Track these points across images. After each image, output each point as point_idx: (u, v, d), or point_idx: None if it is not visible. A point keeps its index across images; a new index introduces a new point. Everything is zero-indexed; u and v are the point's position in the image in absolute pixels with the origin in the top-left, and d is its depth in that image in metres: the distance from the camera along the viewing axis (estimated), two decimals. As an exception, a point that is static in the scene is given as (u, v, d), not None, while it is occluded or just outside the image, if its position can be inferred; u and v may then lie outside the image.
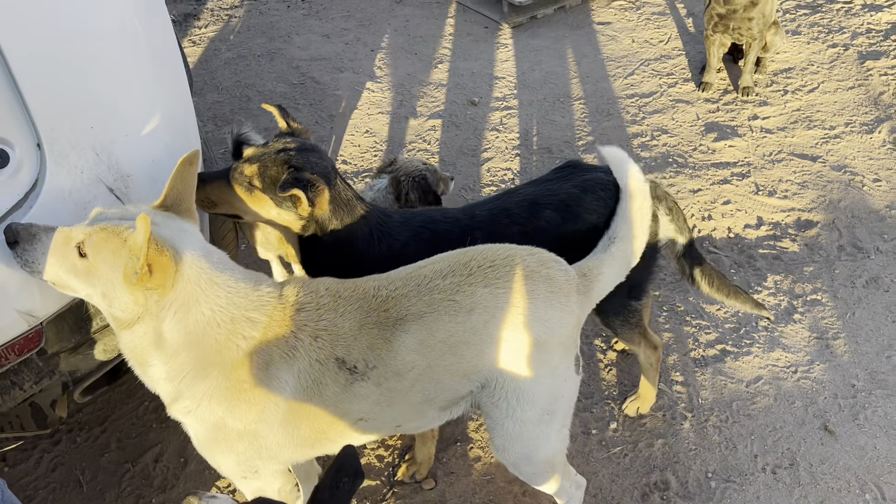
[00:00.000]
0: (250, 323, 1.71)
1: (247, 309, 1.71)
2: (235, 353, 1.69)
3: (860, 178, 3.78)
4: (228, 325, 1.68)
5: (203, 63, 5.52)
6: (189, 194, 1.78)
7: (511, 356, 1.83)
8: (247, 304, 1.72)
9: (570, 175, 2.48)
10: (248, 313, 1.71)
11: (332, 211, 2.15)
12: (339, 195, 2.18)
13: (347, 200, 2.20)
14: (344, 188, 2.21)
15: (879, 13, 5.10)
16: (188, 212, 1.76)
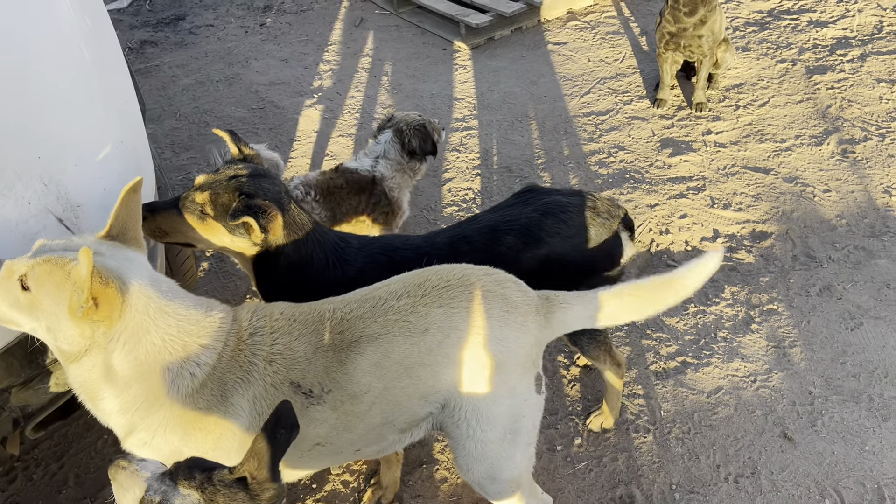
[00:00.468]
0: (203, 350, 1.69)
1: (198, 336, 1.69)
2: (189, 382, 1.67)
3: (811, 189, 3.87)
4: (180, 353, 1.66)
5: (161, 90, 5.48)
6: (135, 223, 1.75)
7: (468, 376, 1.83)
8: (198, 330, 1.70)
9: (530, 199, 2.51)
10: (201, 340, 1.69)
11: (286, 236, 2.14)
12: (294, 220, 2.17)
13: (302, 225, 2.19)
14: (298, 213, 2.20)
15: (825, 29, 5.26)
16: (135, 240, 1.74)
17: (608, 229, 2.44)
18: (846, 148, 4.14)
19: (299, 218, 2.19)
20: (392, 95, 5.13)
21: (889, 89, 4.57)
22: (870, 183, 3.87)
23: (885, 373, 2.90)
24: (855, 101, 4.51)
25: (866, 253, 3.45)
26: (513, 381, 1.86)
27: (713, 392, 2.91)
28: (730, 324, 3.17)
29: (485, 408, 1.85)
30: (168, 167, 4.59)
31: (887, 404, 2.79)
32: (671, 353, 3.08)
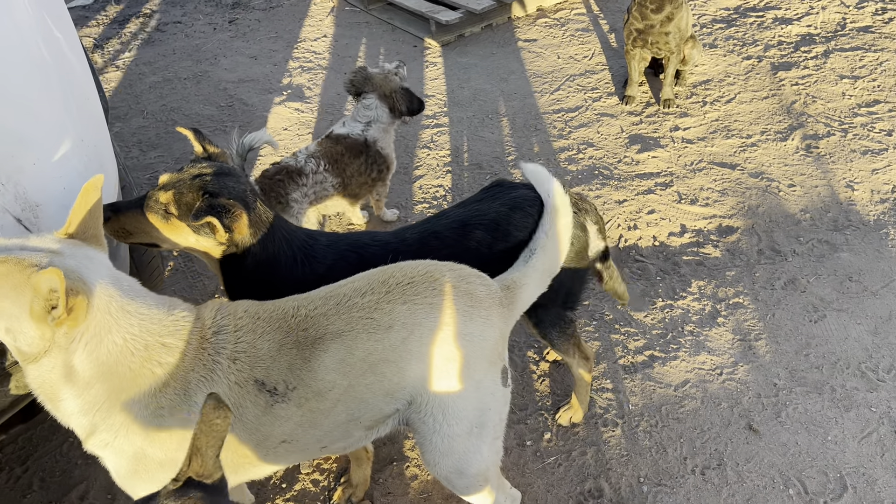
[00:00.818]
0: (165, 349, 1.67)
1: (161, 335, 1.67)
2: (151, 381, 1.65)
3: (776, 184, 3.93)
4: (143, 353, 1.64)
5: (127, 88, 5.41)
6: (95, 221, 1.73)
7: (433, 372, 1.83)
8: (161, 329, 1.68)
9: (498, 194, 2.52)
10: (163, 339, 1.67)
11: (252, 235, 2.12)
12: (260, 218, 2.15)
13: (268, 223, 2.18)
14: (264, 211, 2.19)
15: (790, 26, 5.33)
16: (95, 238, 1.71)
17: (576, 222, 2.47)
18: (810, 143, 4.21)
19: (265, 216, 2.18)
20: (362, 92, 5.11)
21: (851, 85, 4.65)
22: (833, 177, 3.94)
23: (847, 364, 2.96)
24: (819, 97, 4.58)
25: (829, 246, 3.51)
26: (478, 375, 1.87)
27: (680, 385, 2.94)
28: (696, 317, 3.21)
29: (451, 403, 1.85)
30: (135, 166, 4.54)
31: (849, 395, 2.84)
32: (639, 347, 3.11)
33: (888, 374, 2.90)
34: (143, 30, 6.35)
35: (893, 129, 4.24)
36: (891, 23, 5.23)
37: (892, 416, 2.74)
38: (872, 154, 4.07)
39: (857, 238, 3.54)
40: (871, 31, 5.18)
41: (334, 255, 2.25)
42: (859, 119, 4.35)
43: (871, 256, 3.43)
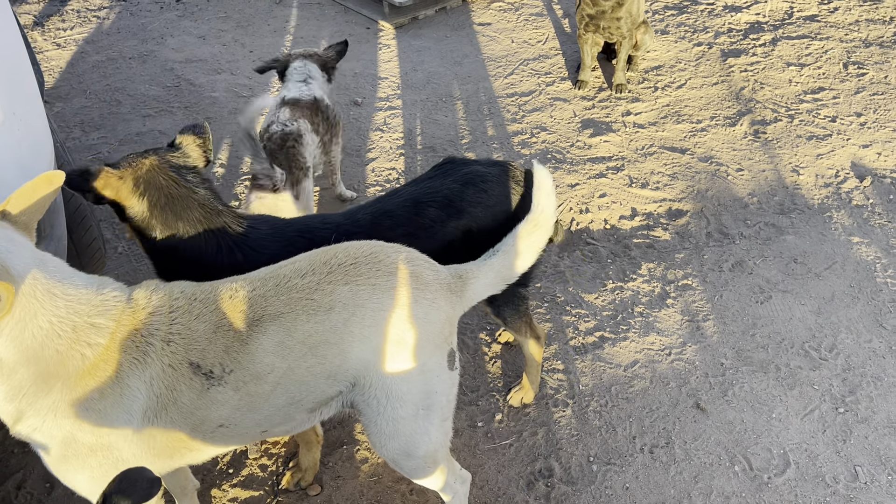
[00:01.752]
0: (95, 329, 1.60)
1: (90, 315, 1.61)
2: (80, 363, 1.59)
3: (725, 169, 3.99)
4: (70, 335, 1.57)
5: (69, 67, 5.22)
6: (37, 212, 1.65)
7: (376, 354, 1.80)
8: (89, 310, 1.61)
9: (450, 171, 2.50)
10: (92, 319, 1.61)
11: (146, 209, 2.11)
12: (163, 192, 2.13)
13: (179, 199, 2.14)
14: (168, 185, 2.15)
15: (739, 14, 5.41)
16: (25, 227, 1.63)
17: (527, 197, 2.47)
18: (758, 129, 4.27)
19: (176, 191, 2.15)
20: (314, 74, 5.02)
21: (798, 72, 4.73)
22: (779, 162, 4.01)
23: (792, 343, 3.01)
24: (766, 83, 4.66)
25: (776, 229, 3.57)
26: (423, 357, 1.84)
27: (630, 366, 2.97)
28: (646, 299, 3.24)
29: (395, 385, 1.82)
30: (77, 147, 4.39)
31: (793, 373, 2.90)
32: (589, 329, 3.12)
33: (830, 352, 2.97)
34: (86, 7, 6.13)
35: (837, 115, 4.33)
36: (836, 12, 5.34)
37: (834, 394, 2.81)
38: (817, 140, 4.15)
39: (802, 221, 3.61)
40: (817, 19, 5.28)
41: (282, 242, 2.20)
42: (805, 105, 4.44)
43: (816, 239, 3.51)
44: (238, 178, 4.07)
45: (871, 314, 3.12)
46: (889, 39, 5.00)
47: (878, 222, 3.57)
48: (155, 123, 4.56)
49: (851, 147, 4.08)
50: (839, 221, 3.60)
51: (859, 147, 4.07)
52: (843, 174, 3.90)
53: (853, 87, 4.57)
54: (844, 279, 3.29)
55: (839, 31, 5.12)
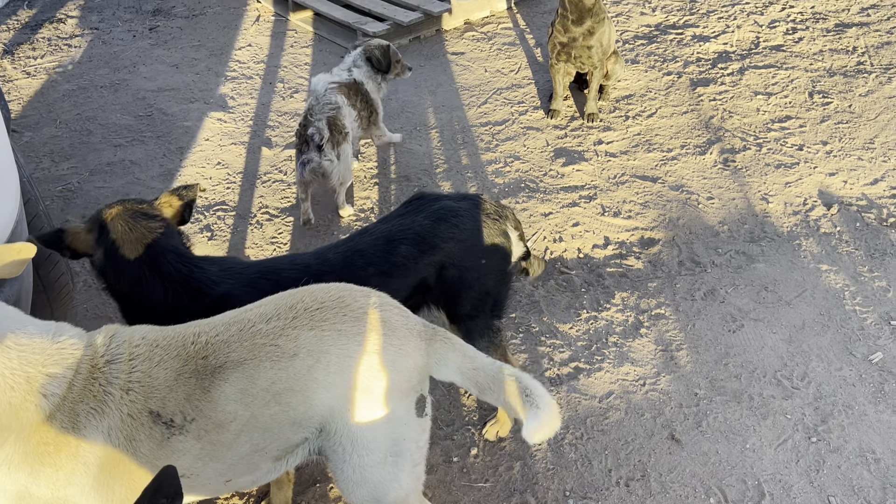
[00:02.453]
0: (51, 380, 1.56)
1: (45, 365, 1.56)
2: (35, 415, 1.54)
3: (696, 197, 4.03)
4: (24, 386, 1.53)
5: (39, 96, 5.16)
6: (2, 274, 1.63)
7: (342, 401, 1.76)
8: (44, 359, 1.57)
9: (421, 207, 2.51)
10: (48, 369, 1.56)
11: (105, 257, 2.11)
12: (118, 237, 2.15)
13: (130, 243, 2.15)
14: (124, 230, 2.17)
15: (707, 43, 5.51)
16: None
17: (498, 230, 2.49)
18: (727, 157, 4.34)
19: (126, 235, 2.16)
20: (287, 102, 5.02)
21: (765, 101, 4.82)
22: (749, 190, 4.07)
23: (764, 372, 3.04)
24: (735, 112, 4.73)
25: (746, 257, 3.61)
26: (390, 405, 1.80)
27: (605, 397, 2.96)
28: (620, 329, 3.25)
29: (360, 433, 1.79)
30: (46, 177, 4.33)
31: (766, 403, 2.91)
32: (564, 360, 3.12)
33: (802, 381, 2.99)
34: (57, 36, 6.08)
35: (804, 143, 4.41)
36: (800, 42, 5.46)
37: (806, 423, 2.83)
38: (785, 168, 4.22)
39: (772, 249, 3.66)
40: (783, 49, 5.40)
41: (237, 281, 2.18)
42: (773, 134, 4.51)
43: (786, 267, 3.55)
44: (212, 208, 4.04)
45: (840, 342, 3.16)
46: (852, 69, 5.12)
47: (845, 250, 3.63)
48: (126, 153, 4.51)
49: (818, 175, 4.15)
50: (808, 249, 3.65)
51: (826, 175, 4.15)
52: (811, 202, 3.96)
53: (819, 115, 4.67)
54: (814, 307, 3.33)
55: (804, 61, 5.23)
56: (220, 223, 3.93)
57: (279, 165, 4.39)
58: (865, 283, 3.43)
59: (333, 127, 3.68)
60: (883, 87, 4.90)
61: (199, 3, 6.60)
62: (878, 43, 5.39)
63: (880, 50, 5.30)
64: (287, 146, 4.54)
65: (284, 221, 3.94)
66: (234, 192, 4.16)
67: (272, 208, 4.04)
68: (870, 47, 5.35)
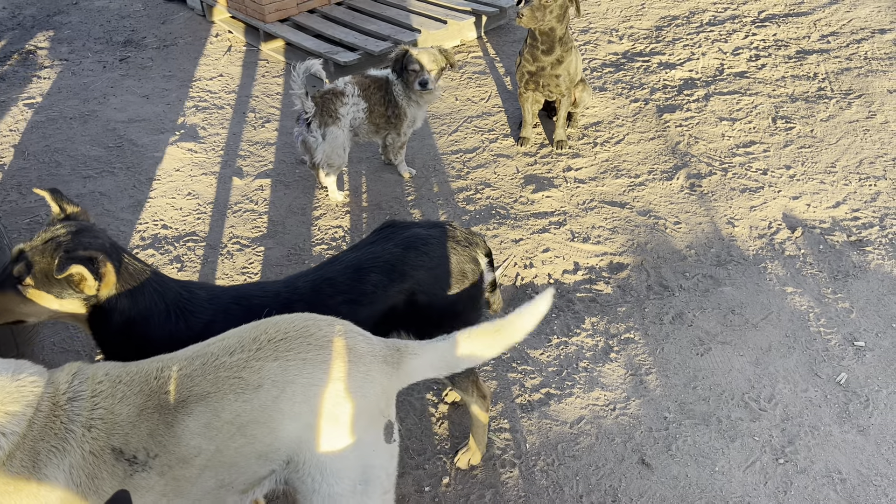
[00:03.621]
0: (10, 417, 1.55)
1: (4, 403, 1.55)
2: None
3: (663, 222, 4.09)
4: None
5: (7, 128, 5.13)
6: None
7: (308, 431, 1.76)
8: (3, 397, 1.56)
9: (391, 235, 2.52)
10: (7, 407, 1.55)
11: (119, 287, 2.02)
12: (127, 271, 2.06)
13: (137, 275, 2.08)
14: (131, 261, 2.10)
15: (673, 70, 5.62)
16: None
17: (468, 256, 2.51)
18: (694, 182, 4.41)
19: (132, 266, 2.08)
20: (259, 132, 5.03)
21: (730, 127, 4.92)
22: (715, 215, 4.14)
23: (732, 395, 3.07)
24: (701, 138, 4.83)
25: (713, 281, 3.67)
26: (358, 432, 1.81)
27: (575, 422, 2.98)
28: (590, 353, 3.28)
29: (328, 462, 1.79)
30: (14, 210, 4.29)
31: (734, 425, 2.94)
32: (535, 385, 3.13)
33: (769, 403, 3.03)
34: (25, 66, 6.06)
35: (768, 168, 4.51)
36: (763, 69, 5.60)
37: (774, 445, 2.86)
38: (750, 192, 4.30)
39: (739, 272, 3.72)
40: (747, 76, 5.52)
41: (214, 308, 2.17)
42: (738, 159, 4.61)
43: (752, 290, 3.61)
44: (182, 239, 4.02)
45: (806, 363, 3.21)
46: (814, 94, 5.25)
47: (809, 272, 3.70)
48: (96, 184, 4.49)
49: (782, 199, 4.24)
50: (773, 272, 3.71)
51: (790, 199, 4.23)
52: (776, 225, 4.04)
53: (782, 140, 4.77)
54: (780, 329, 3.38)
55: (767, 87, 5.36)
56: (191, 254, 3.91)
57: (250, 195, 4.39)
58: (829, 305, 3.50)
59: (323, 108, 3.97)
60: (843, 111, 5.03)
61: (169, 34, 6.62)
62: (838, 69, 5.54)
63: (840, 76, 5.45)
64: (258, 175, 4.55)
65: (255, 251, 3.93)
66: (204, 223, 4.15)
67: (243, 238, 4.03)
68: (830, 73, 5.49)
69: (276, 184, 4.50)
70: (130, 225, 4.13)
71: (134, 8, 7.25)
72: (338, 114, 4.02)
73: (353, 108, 4.07)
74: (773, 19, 6.38)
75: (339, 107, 4.02)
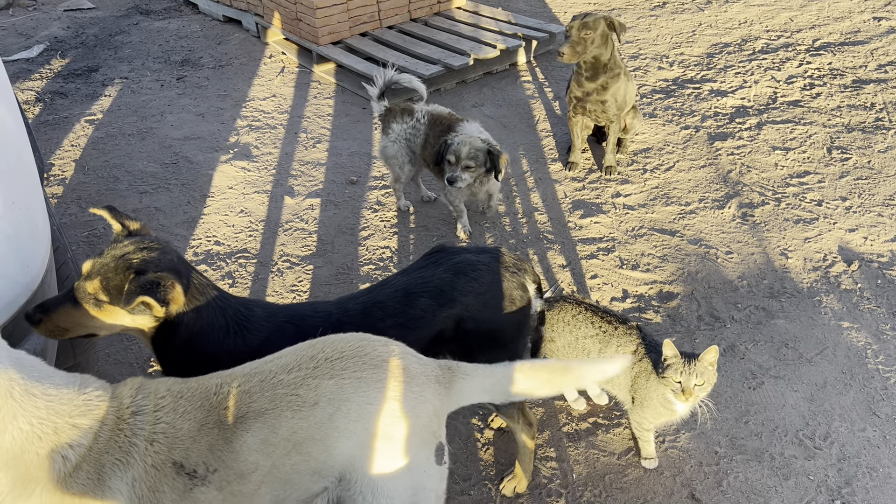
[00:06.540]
0: (77, 431, 1.58)
1: (71, 416, 1.59)
2: (62, 466, 1.56)
3: (714, 251, 4.03)
4: (52, 437, 1.55)
5: (69, 143, 5.30)
6: None
7: (361, 450, 1.77)
8: (71, 410, 1.59)
9: (441, 259, 2.53)
10: (74, 420, 1.59)
11: (187, 304, 2.06)
12: (194, 286, 2.10)
13: (203, 291, 2.12)
14: (196, 276, 2.14)
15: (725, 98, 5.57)
16: None
17: (517, 283, 2.50)
18: (746, 211, 4.34)
19: (198, 281, 2.12)
20: (310, 152, 5.11)
21: (783, 156, 4.85)
22: (768, 245, 4.06)
23: (785, 431, 2.99)
24: (753, 166, 4.76)
25: (766, 313, 3.59)
26: (410, 452, 1.82)
27: (623, 453, 2.93)
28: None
29: (381, 482, 1.79)
30: (73, 223, 4.42)
31: (788, 463, 2.87)
32: (583, 415, 3.09)
33: (824, 441, 2.94)
34: (88, 84, 6.27)
35: (823, 199, 4.42)
36: (818, 98, 5.51)
37: (830, 485, 2.77)
38: (804, 223, 4.22)
39: (792, 305, 3.64)
40: (801, 105, 5.44)
41: (271, 327, 2.19)
42: (791, 189, 4.53)
43: (806, 324, 3.52)
44: (234, 255, 4.09)
45: (863, 402, 3.11)
46: (871, 125, 5.14)
47: (867, 307, 3.60)
48: (152, 200, 4.61)
49: (838, 231, 4.14)
50: (829, 306, 3.62)
51: (846, 231, 4.14)
52: (831, 258, 3.95)
53: (838, 171, 4.68)
54: (836, 365, 3.29)
55: (822, 116, 5.27)
56: (242, 270, 3.98)
57: (301, 214, 4.45)
58: (888, 342, 3.40)
59: (385, 118, 4.22)
60: (901, 143, 4.92)
61: (225, 54, 6.79)
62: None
63: (898, 106, 5.33)
64: (309, 195, 4.62)
65: (305, 269, 3.98)
66: (255, 240, 4.22)
67: (293, 256, 4.09)
68: (888, 104, 5.38)
69: (326, 203, 4.56)
70: (184, 240, 4.22)
71: (191, 29, 7.46)
72: (390, 127, 4.17)
73: (407, 131, 4.14)
74: (829, 48, 6.28)
75: (393, 122, 4.16)
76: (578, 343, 2.84)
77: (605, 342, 2.79)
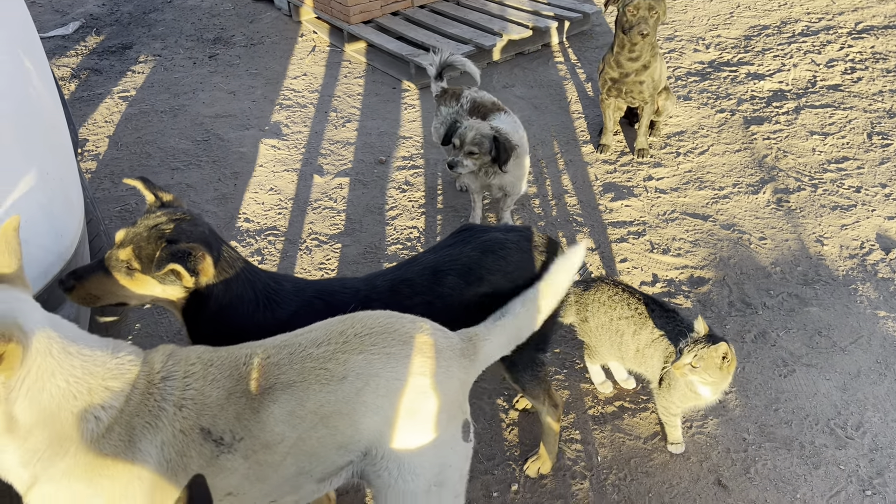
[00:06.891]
0: (110, 392, 1.60)
1: (104, 378, 1.61)
2: (95, 426, 1.58)
3: (748, 237, 3.96)
4: (86, 397, 1.57)
5: (103, 119, 5.36)
6: (18, 262, 1.66)
7: (389, 425, 1.77)
8: (104, 372, 1.61)
9: (469, 238, 2.51)
10: (107, 382, 1.61)
11: (216, 276, 2.07)
12: (224, 259, 2.11)
13: (233, 263, 2.13)
14: (227, 250, 2.15)
15: (762, 81, 5.45)
16: (20, 279, 1.65)
17: (545, 263, 2.47)
18: (781, 197, 4.26)
19: (229, 256, 2.13)
20: (340, 131, 5.11)
21: (821, 141, 4.73)
22: (803, 232, 3.98)
23: (816, 420, 2.94)
24: (790, 151, 4.66)
25: (799, 300, 3.53)
26: (437, 429, 1.82)
27: (650, 438, 2.91)
28: (667, 369, 3.19)
29: (407, 457, 1.79)
30: (106, 198, 4.47)
31: (818, 452, 2.82)
32: (609, 398, 3.07)
33: (856, 431, 2.89)
34: (122, 61, 6.32)
35: (862, 185, 4.31)
36: (859, 82, 5.36)
37: (861, 475, 2.72)
38: (842, 210, 4.13)
39: (827, 293, 3.56)
40: (841, 89, 5.31)
41: (299, 301, 2.20)
42: (829, 175, 4.42)
43: (840, 312, 3.45)
44: (263, 233, 4.12)
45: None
46: (913, 110, 5.00)
47: (904, 296, 3.52)
48: (183, 176, 4.64)
49: (877, 218, 4.04)
50: (865, 294, 3.54)
51: (885, 219, 4.04)
52: (869, 246, 3.85)
53: (878, 157, 4.56)
54: (871, 354, 3.22)
55: (863, 102, 5.13)
56: (271, 247, 4.00)
57: (329, 193, 4.46)
58: (925, 332, 3.32)
59: (438, 98, 4.32)
60: (945, 129, 4.77)
61: (257, 32, 6.80)
62: (941, 85, 5.26)
63: (943, 92, 5.18)
64: (338, 174, 4.62)
65: (333, 248, 3.99)
66: (284, 218, 4.24)
67: (322, 234, 4.10)
68: (932, 89, 5.22)
69: (355, 182, 4.56)
70: (214, 217, 4.25)
71: (224, 7, 7.48)
72: (438, 109, 4.28)
73: (452, 115, 4.17)
74: (872, 31, 6.11)
75: (443, 105, 4.24)
76: (613, 324, 2.81)
77: (641, 324, 2.76)
